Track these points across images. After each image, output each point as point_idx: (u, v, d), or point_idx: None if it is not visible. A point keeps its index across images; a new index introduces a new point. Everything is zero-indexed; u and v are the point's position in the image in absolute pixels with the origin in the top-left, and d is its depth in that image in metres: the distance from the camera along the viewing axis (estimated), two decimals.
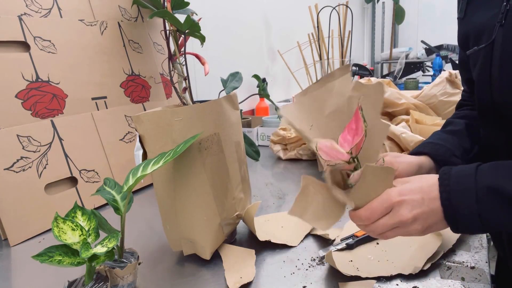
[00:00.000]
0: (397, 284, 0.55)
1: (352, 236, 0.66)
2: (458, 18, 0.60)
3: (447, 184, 0.43)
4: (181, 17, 0.69)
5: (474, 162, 0.59)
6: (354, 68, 1.77)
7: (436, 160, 0.58)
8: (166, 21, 0.69)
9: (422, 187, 0.44)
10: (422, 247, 0.61)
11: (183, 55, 0.70)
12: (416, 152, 0.60)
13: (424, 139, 0.85)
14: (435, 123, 0.97)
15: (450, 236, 0.64)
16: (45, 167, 0.83)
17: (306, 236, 0.72)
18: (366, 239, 0.66)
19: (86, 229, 0.52)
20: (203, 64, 0.79)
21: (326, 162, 0.46)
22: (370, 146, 0.47)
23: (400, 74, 2.85)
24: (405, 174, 0.54)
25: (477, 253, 0.61)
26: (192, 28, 0.69)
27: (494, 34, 0.48)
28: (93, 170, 0.92)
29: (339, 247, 0.64)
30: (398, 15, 4.15)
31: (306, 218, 0.51)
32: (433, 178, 0.45)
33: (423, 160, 0.58)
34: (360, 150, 0.46)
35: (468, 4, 0.57)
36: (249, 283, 0.58)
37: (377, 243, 0.66)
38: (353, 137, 0.45)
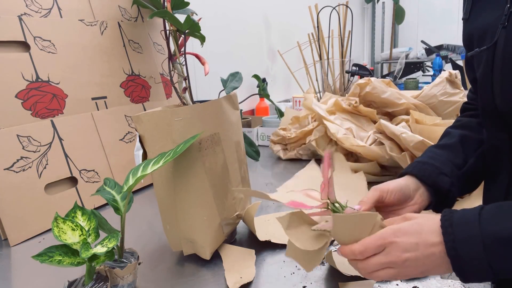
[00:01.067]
0: (397, 284, 0.55)
1: None
2: (462, 19, 0.59)
3: (451, 233, 0.41)
4: (181, 17, 0.69)
5: (468, 176, 0.58)
6: (354, 68, 1.76)
7: (423, 180, 0.56)
8: (166, 21, 0.69)
9: (421, 233, 0.42)
10: None
11: (183, 55, 0.70)
12: (404, 172, 0.59)
13: (424, 139, 0.85)
14: (435, 123, 0.97)
15: None
16: (45, 167, 0.82)
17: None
18: None
19: (86, 229, 0.52)
20: (203, 64, 0.79)
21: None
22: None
23: (400, 74, 2.85)
24: (397, 191, 0.54)
25: None
26: (192, 28, 0.69)
27: (497, 36, 0.48)
28: (93, 170, 0.92)
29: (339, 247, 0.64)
30: (398, 15, 4.15)
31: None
32: (434, 225, 0.42)
33: (409, 181, 0.57)
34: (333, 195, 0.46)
35: (473, 5, 0.56)
36: (249, 283, 0.58)
37: None
38: (324, 184, 0.46)
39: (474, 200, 0.74)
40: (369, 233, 0.44)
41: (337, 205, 0.48)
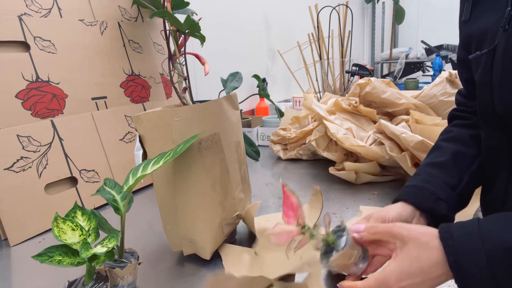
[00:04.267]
0: None
1: None
2: (463, 20, 0.57)
3: (452, 245, 0.40)
4: (181, 17, 0.69)
5: (463, 195, 0.57)
6: (354, 68, 1.77)
7: (420, 207, 0.55)
8: (166, 21, 0.69)
9: (423, 269, 0.41)
10: None
11: (183, 55, 0.70)
12: (400, 199, 0.57)
13: (424, 139, 0.85)
14: (435, 123, 0.97)
15: None
16: (45, 167, 0.82)
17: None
18: None
19: (86, 229, 0.52)
20: (203, 64, 0.79)
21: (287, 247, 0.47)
22: None
23: (400, 74, 2.85)
24: (397, 220, 0.53)
25: None
26: (192, 28, 0.69)
27: (497, 39, 0.47)
28: (93, 170, 0.92)
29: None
30: (398, 15, 4.15)
31: None
32: (433, 255, 0.41)
33: (406, 208, 0.55)
34: (304, 218, 0.46)
35: (473, 6, 0.55)
36: None
37: None
38: (294, 211, 0.46)
39: (472, 202, 0.74)
40: None
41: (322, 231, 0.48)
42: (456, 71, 1.11)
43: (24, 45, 0.83)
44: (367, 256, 0.48)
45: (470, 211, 0.70)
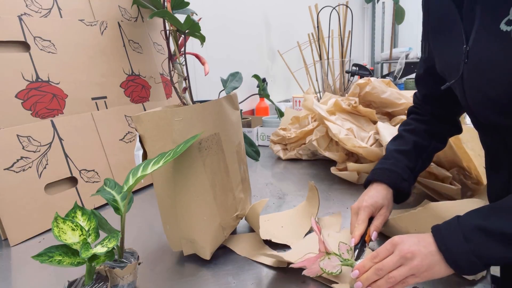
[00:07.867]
0: None
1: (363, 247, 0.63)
2: (423, 57, 0.71)
3: (438, 230, 0.51)
4: (181, 17, 0.69)
5: (415, 175, 0.75)
6: (354, 68, 1.76)
7: (390, 186, 0.71)
8: (166, 21, 0.69)
9: (419, 235, 0.52)
10: None
11: (183, 55, 0.70)
12: (376, 179, 0.72)
13: None
14: None
15: None
16: (45, 167, 0.82)
17: (306, 235, 0.72)
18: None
19: (86, 229, 0.52)
20: (203, 64, 0.79)
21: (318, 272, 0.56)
22: None
23: (400, 74, 2.85)
24: (384, 202, 0.68)
25: None
26: (192, 28, 0.69)
27: (461, 70, 0.57)
28: (93, 170, 0.92)
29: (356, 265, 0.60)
30: (398, 15, 4.15)
31: None
32: (427, 234, 0.53)
33: (385, 189, 0.70)
34: (324, 244, 0.57)
35: (430, 46, 0.67)
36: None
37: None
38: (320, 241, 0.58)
39: (482, 194, 0.78)
40: None
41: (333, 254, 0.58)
42: None
43: (24, 45, 0.83)
44: None
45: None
